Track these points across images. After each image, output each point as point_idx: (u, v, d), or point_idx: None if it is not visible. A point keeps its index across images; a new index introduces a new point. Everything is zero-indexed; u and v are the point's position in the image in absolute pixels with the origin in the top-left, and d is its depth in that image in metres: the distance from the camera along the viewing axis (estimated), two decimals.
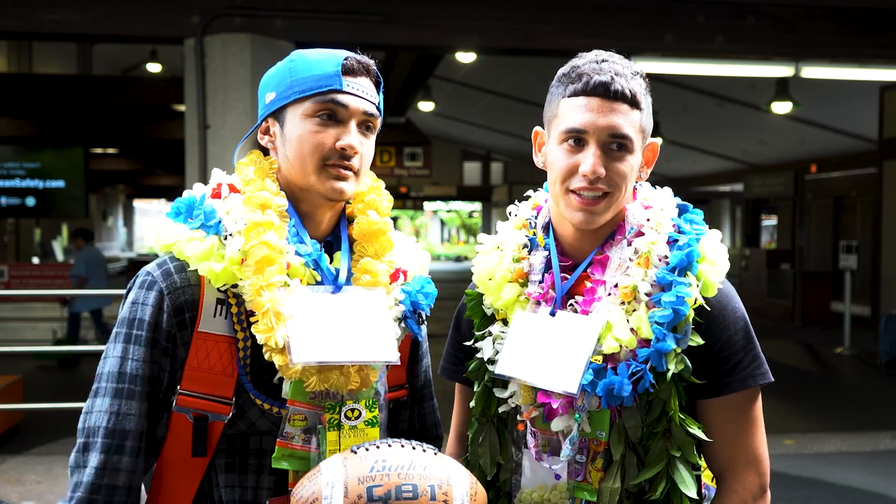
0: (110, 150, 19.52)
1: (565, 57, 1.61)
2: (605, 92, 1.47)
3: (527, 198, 1.73)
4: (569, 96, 1.51)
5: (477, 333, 1.65)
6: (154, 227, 1.54)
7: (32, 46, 15.19)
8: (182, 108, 8.08)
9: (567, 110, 1.51)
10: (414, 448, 1.36)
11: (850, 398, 9.05)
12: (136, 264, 17.90)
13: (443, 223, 45.83)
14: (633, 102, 1.49)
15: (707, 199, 26.43)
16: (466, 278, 1.74)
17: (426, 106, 14.39)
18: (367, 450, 1.35)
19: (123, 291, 1.55)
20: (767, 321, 14.93)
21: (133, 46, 13.55)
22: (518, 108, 17.45)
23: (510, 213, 1.71)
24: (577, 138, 1.50)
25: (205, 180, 6.81)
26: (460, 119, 21.94)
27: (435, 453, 1.38)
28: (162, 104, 12.09)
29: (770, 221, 22.77)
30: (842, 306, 12.10)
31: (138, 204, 41.85)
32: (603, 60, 1.51)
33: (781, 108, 11.03)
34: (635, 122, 1.50)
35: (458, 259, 38.45)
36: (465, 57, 9.86)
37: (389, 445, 1.36)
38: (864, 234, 15.65)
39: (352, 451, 1.36)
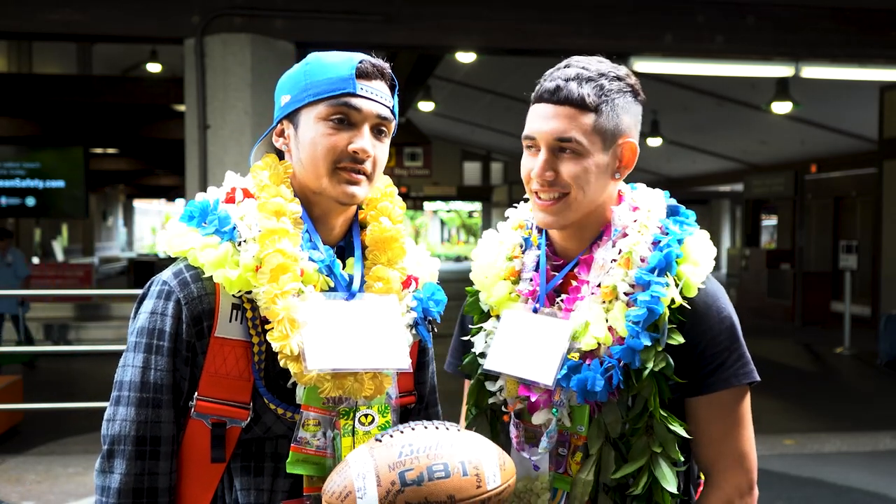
0: (110, 150, 19.53)
1: (565, 57, 1.62)
2: (551, 97, 1.53)
3: (526, 199, 1.76)
4: (531, 105, 1.58)
5: (472, 328, 1.69)
6: (166, 232, 1.53)
7: (32, 46, 15.18)
8: (182, 108, 8.08)
9: (528, 118, 1.58)
10: (437, 427, 1.36)
11: (850, 398, 9.05)
12: (137, 264, 17.88)
13: (443, 223, 45.84)
14: (583, 105, 1.51)
15: (707, 199, 26.44)
16: (466, 278, 1.76)
17: (426, 106, 14.40)
18: (391, 436, 1.35)
19: (121, 291, 1.55)
20: (767, 321, 14.94)
21: (133, 46, 13.54)
22: (518, 108, 17.39)
23: (509, 215, 1.76)
24: (530, 145, 1.57)
25: (205, 180, 6.82)
26: (460, 119, 21.95)
27: (458, 430, 1.38)
28: (162, 104, 12.09)
29: (770, 221, 22.78)
30: (842, 306, 12.10)
31: (138, 204, 41.86)
32: (566, 66, 1.56)
33: (781, 108, 11.03)
34: (585, 125, 1.52)
35: (458, 259, 38.44)
36: (465, 57, 9.87)
37: (413, 429, 1.35)
38: (864, 234, 15.65)
39: (376, 439, 1.36)
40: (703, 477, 1.63)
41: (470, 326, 1.71)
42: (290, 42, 6.71)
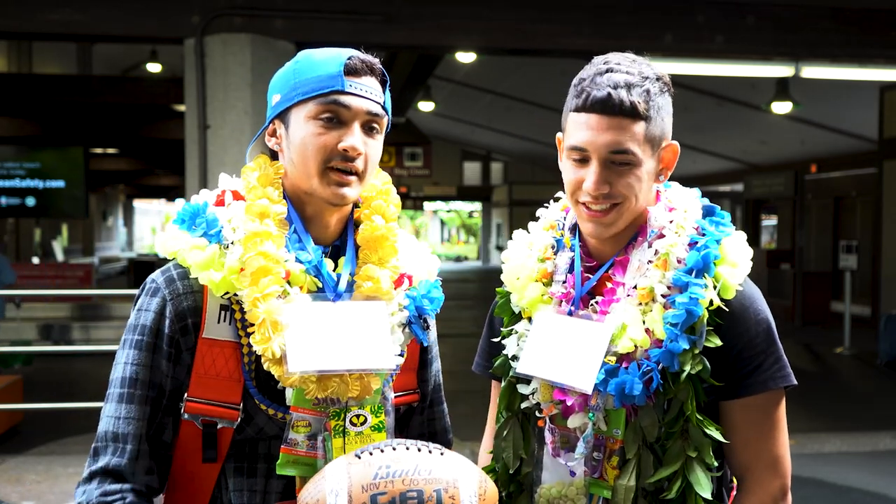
0: (110, 150, 19.52)
1: (565, 57, 1.62)
2: (604, 108, 1.47)
3: (557, 199, 1.74)
4: (573, 111, 1.52)
5: (503, 330, 1.67)
6: (161, 235, 1.55)
7: (32, 46, 15.19)
8: (182, 108, 8.08)
9: (571, 126, 1.52)
10: (419, 450, 1.34)
11: (850, 398, 9.05)
12: (137, 264, 17.89)
13: (443, 223, 45.84)
14: (634, 114, 1.47)
15: (707, 199, 26.38)
16: (466, 278, 1.76)
17: (426, 106, 14.39)
18: (370, 454, 1.32)
19: (121, 291, 1.56)
20: None
21: (133, 46, 13.54)
22: (518, 108, 17.44)
23: (539, 215, 1.73)
24: (579, 156, 1.51)
25: (205, 180, 6.82)
26: (460, 119, 21.94)
27: (442, 453, 1.35)
28: (162, 104, 12.08)
29: (770, 221, 22.77)
30: (842, 306, 12.10)
31: (138, 204, 41.87)
32: (607, 70, 1.49)
33: (781, 108, 11.02)
34: (638, 135, 1.48)
35: (458, 259, 38.46)
36: (465, 57, 9.86)
37: (394, 448, 1.33)
38: (864, 234, 15.64)
39: (356, 455, 1.33)
40: (735, 481, 1.61)
41: (501, 329, 1.68)
42: (290, 42, 6.71)
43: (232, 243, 1.48)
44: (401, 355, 1.55)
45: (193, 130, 6.66)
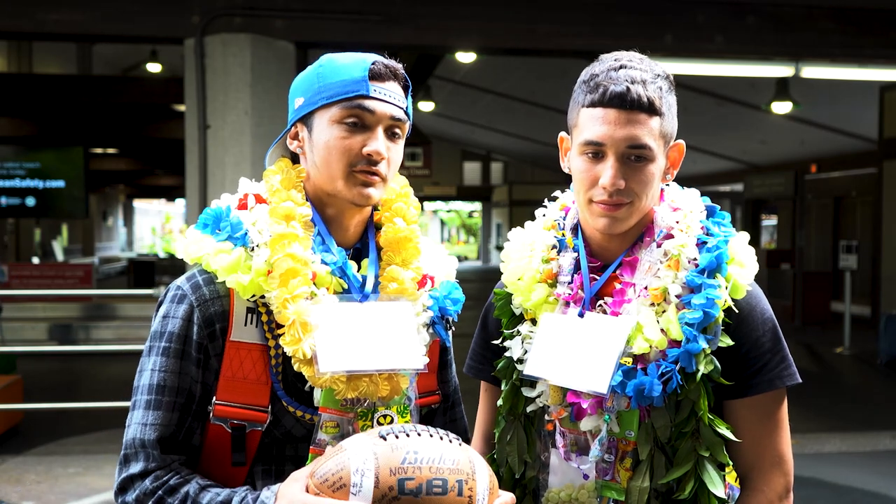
0: (110, 150, 19.54)
1: (565, 57, 1.61)
2: (622, 103, 1.47)
3: (554, 198, 1.74)
4: (587, 106, 1.51)
5: (505, 332, 1.65)
6: (182, 240, 1.55)
7: (32, 46, 15.20)
8: (182, 108, 8.08)
9: (585, 121, 1.51)
10: (441, 438, 1.34)
11: (850, 398, 9.05)
12: (137, 264, 17.89)
13: (443, 223, 45.84)
14: (651, 110, 1.48)
15: (708, 198, 26.36)
16: (466, 278, 1.75)
17: (426, 106, 14.39)
18: (396, 437, 1.31)
19: (121, 291, 1.55)
20: None
21: (133, 46, 13.56)
22: (518, 108, 17.45)
23: (539, 214, 1.72)
24: (595, 151, 1.50)
25: (205, 180, 6.80)
26: (460, 119, 21.94)
27: (459, 443, 1.36)
28: (162, 104, 12.09)
29: (770, 221, 22.78)
30: (842, 306, 12.10)
31: (138, 204, 41.87)
32: (621, 67, 1.50)
33: (781, 108, 11.02)
34: (654, 130, 1.49)
35: (458, 259, 38.44)
36: (465, 57, 9.86)
37: (419, 434, 1.32)
38: (864, 234, 15.66)
39: (380, 436, 1.32)
40: (725, 482, 1.60)
41: (500, 331, 1.66)
42: (290, 42, 6.71)
43: (258, 246, 1.49)
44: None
45: (193, 130, 6.66)
